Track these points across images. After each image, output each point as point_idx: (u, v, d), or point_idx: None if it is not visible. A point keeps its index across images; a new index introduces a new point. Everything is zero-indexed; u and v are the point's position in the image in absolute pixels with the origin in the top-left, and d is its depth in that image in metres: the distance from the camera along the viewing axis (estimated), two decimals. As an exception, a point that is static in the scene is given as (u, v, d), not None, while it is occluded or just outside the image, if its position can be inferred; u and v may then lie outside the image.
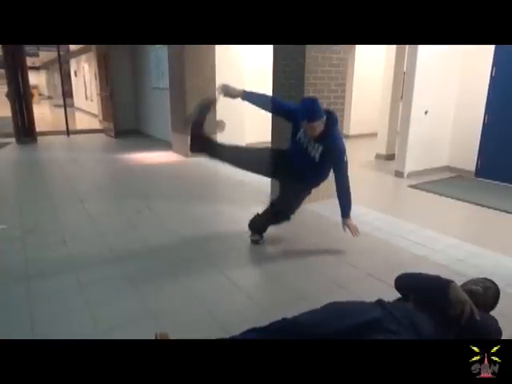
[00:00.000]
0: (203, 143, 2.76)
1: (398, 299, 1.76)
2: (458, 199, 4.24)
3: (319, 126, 2.48)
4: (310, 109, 2.45)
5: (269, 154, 2.94)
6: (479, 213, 3.91)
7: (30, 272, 2.52)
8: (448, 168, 5.52)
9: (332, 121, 2.56)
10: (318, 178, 2.85)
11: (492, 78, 4.85)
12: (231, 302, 2.22)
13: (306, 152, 2.63)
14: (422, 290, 1.68)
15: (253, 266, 2.83)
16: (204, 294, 2.30)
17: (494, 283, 1.78)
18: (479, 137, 5.07)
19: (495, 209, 3.92)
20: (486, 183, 4.96)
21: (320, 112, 2.46)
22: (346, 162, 2.65)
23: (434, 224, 3.43)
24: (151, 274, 2.55)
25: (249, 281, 2.57)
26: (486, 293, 1.69)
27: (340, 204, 2.77)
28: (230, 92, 2.65)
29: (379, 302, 1.64)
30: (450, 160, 5.53)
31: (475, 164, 5.18)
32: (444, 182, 5.01)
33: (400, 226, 3.39)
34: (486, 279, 1.80)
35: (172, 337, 1.57)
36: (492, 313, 1.68)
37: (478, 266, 2.66)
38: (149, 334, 1.58)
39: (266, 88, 3.57)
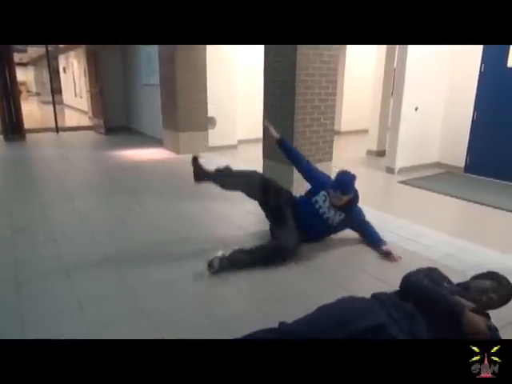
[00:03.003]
0: (205, 177, 2.88)
1: (397, 295, 1.72)
2: (448, 195, 4.28)
3: (346, 198, 2.73)
4: (347, 183, 2.71)
5: (275, 188, 2.92)
6: (468, 208, 3.96)
7: (19, 271, 2.49)
8: (438, 164, 5.57)
9: (356, 195, 2.82)
10: (321, 235, 2.95)
11: (481, 74, 4.91)
12: (227, 302, 2.23)
13: (318, 213, 2.78)
14: (433, 313, 1.57)
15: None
16: (198, 293, 2.30)
17: (508, 282, 1.69)
18: (468, 134, 5.14)
19: (484, 204, 3.97)
20: (474, 179, 5.02)
21: (353, 188, 2.75)
22: (364, 216, 2.94)
23: (425, 219, 3.46)
24: (143, 272, 2.53)
25: (244, 279, 2.56)
26: (499, 299, 1.65)
27: (372, 241, 2.86)
28: (270, 131, 3.02)
29: (380, 304, 1.61)
30: (439, 156, 5.59)
31: (464, 160, 5.24)
32: (434, 178, 5.06)
33: (391, 222, 3.41)
34: (499, 276, 1.72)
35: (167, 336, 1.55)
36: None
37: (467, 260, 2.69)
38: (141, 334, 1.58)
39: (257, 85, 3.56)
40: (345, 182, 2.71)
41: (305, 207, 2.85)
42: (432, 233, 3.19)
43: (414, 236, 3.10)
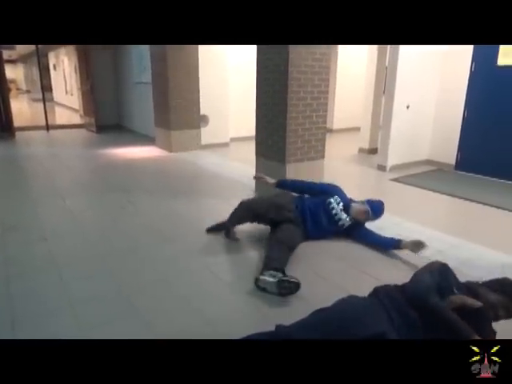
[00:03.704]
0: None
1: (403, 294, 1.66)
2: (439, 192, 4.32)
3: (367, 219, 3.00)
4: (379, 214, 2.99)
5: (262, 207, 2.95)
6: (460, 205, 4.00)
7: (10, 270, 2.46)
8: (429, 161, 5.61)
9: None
10: (328, 234, 3.01)
11: (472, 73, 4.95)
12: (224, 302, 2.22)
13: (330, 214, 2.93)
14: (438, 329, 1.53)
15: (243, 262, 2.83)
16: (193, 293, 2.29)
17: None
18: (459, 131, 5.18)
19: (474, 201, 4.01)
20: (465, 176, 5.07)
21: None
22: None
23: (416, 217, 3.49)
24: (135, 271, 2.52)
25: (237, 276, 2.57)
26: (505, 313, 1.63)
27: (382, 245, 2.86)
28: (265, 180, 3.28)
29: (379, 302, 1.59)
30: (430, 154, 5.63)
31: (455, 157, 5.29)
32: (425, 176, 5.10)
33: (383, 219, 3.42)
34: (510, 289, 1.68)
35: (160, 336, 1.54)
36: None
37: (459, 257, 2.72)
38: (133, 333, 1.57)
39: (250, 84, 3.54)
40: (379, 212, 2.98)
41: (316, 206, 2.94)
42: (424, 230, 3.21)
43: (406, 233, 3.11)
